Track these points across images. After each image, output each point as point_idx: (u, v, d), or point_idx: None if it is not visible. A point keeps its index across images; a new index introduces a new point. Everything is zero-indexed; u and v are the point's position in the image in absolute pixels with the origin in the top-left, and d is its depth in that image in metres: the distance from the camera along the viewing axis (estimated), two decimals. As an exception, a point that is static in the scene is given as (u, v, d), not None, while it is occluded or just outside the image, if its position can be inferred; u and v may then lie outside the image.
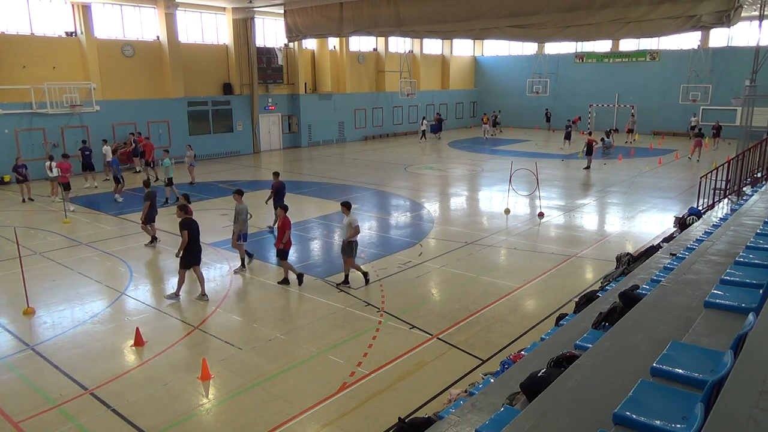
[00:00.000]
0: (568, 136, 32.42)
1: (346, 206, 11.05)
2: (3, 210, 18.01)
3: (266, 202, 15.45)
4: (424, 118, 39.61)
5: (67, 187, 18.36)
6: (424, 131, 37.82)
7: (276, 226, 11.47)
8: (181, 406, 7.12)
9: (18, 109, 22.74)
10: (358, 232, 11.02)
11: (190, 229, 10.33)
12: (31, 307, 10.00)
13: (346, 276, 11.12)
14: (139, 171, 25.00)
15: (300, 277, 11.21)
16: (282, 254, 11.14)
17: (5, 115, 22.34)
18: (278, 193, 14.92)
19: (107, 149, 23.07)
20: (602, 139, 30.95)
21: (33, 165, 21.95)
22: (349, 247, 10.87)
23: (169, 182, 18.70)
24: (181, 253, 10.31)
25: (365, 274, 11.26)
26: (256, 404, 7.13)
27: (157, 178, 22.21)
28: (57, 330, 9.40)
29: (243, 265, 12.14)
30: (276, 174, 15.44)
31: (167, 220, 15.81)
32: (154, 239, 13.99)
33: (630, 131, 36.02)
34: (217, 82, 30.13)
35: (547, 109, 42.87)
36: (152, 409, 7.02)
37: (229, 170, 25.89)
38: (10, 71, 22.74)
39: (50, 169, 18.52)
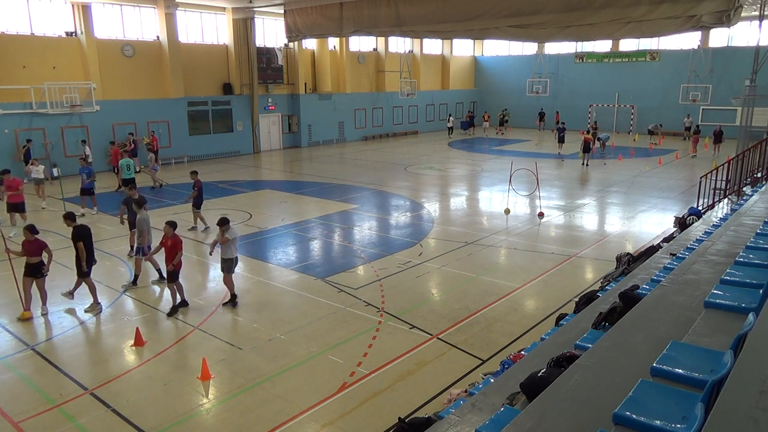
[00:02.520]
0: (561, 140, 30.87)
1: (224, 223, 9.98)
2: (2, 210, 18.00)
3: (186, 202, 15.11)
4: (450, 115, 41.50)
5: (20, 208, 15.21)
6: (450, 128, 39.84)
7: (164, 245, 10.01)
8: (181, 406, 7.12)
9: (18, 109, 22.73)
10: (216, 242, 9.92)
11: (85, 238, 9.98)
12: (29, 311, 9.79)
13: (233, 295, 10.22)
14: (139, 171, 24.98)
15: (180, 305, 10.02)
16: (172, 276, 9.94)
17: (5, 115, 22.32)
18: (200, 193, 14.98)
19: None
20: (598, 138, 30.88)
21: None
22: (227, 264, 10.01)
23: (126, 183, 16.97)
24: (84, 264, 9.90)
25: (234, 297, 10.23)
26: (256, 404, 7.14)
27: (119, 185, 19.86)
28: (57, 330, 9.41)
29: (161, 277, 11.22)
30: (194, 172, 15.21)
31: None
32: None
33: (653, 133, 35.24)
34: (217, 82, 30.13)
35: (542, 109, 43.18)
36: (152, 409, 7.03)
37: (229, 170, 25.89)
38: (10, 71, 22.74)
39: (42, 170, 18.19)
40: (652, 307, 4.65)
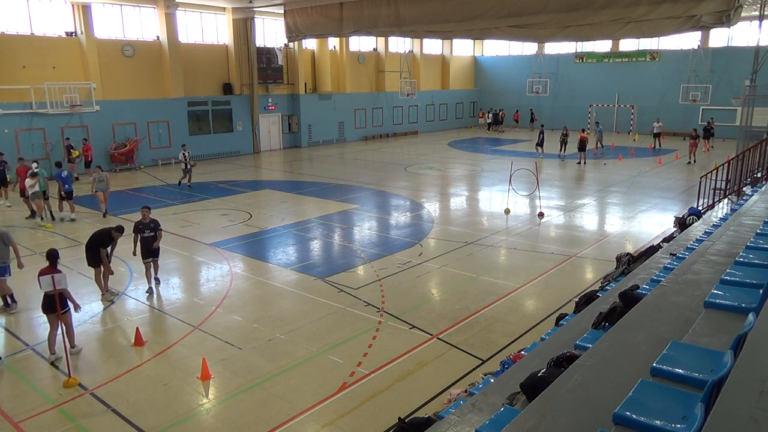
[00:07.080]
0: (541, 143, 29.09)
1: None
2: (1, 211, 18.01)
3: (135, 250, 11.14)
4: (484, 112, 44.65)
5: None
6: (490, 123, 42.93)
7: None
8: (181, 406, 7.12)
9: (18, 109, 22.72)
10: None
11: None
12: (74, 377, 7.76)
13: None
14: (77, 178, 23.36)
15: None
16: None
17: (5, 115, 22.31)
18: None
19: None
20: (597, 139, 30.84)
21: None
22: None
23: (42, 195, 15.96)
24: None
25: None
26: (256, 404, 7.14)
27: (32, 212, 16.70)
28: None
29: (7, 303, 9.93)
30: (147, 208, 11.17)
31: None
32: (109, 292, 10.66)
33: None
34: (217, 82, 30.12)
35: (531, 110, 43.48)
36: (152, 409, 7.02)
37: (229, 170, 25.89)
38: (10, 71, 22.73)
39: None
40: (652, 307, 4.64)
